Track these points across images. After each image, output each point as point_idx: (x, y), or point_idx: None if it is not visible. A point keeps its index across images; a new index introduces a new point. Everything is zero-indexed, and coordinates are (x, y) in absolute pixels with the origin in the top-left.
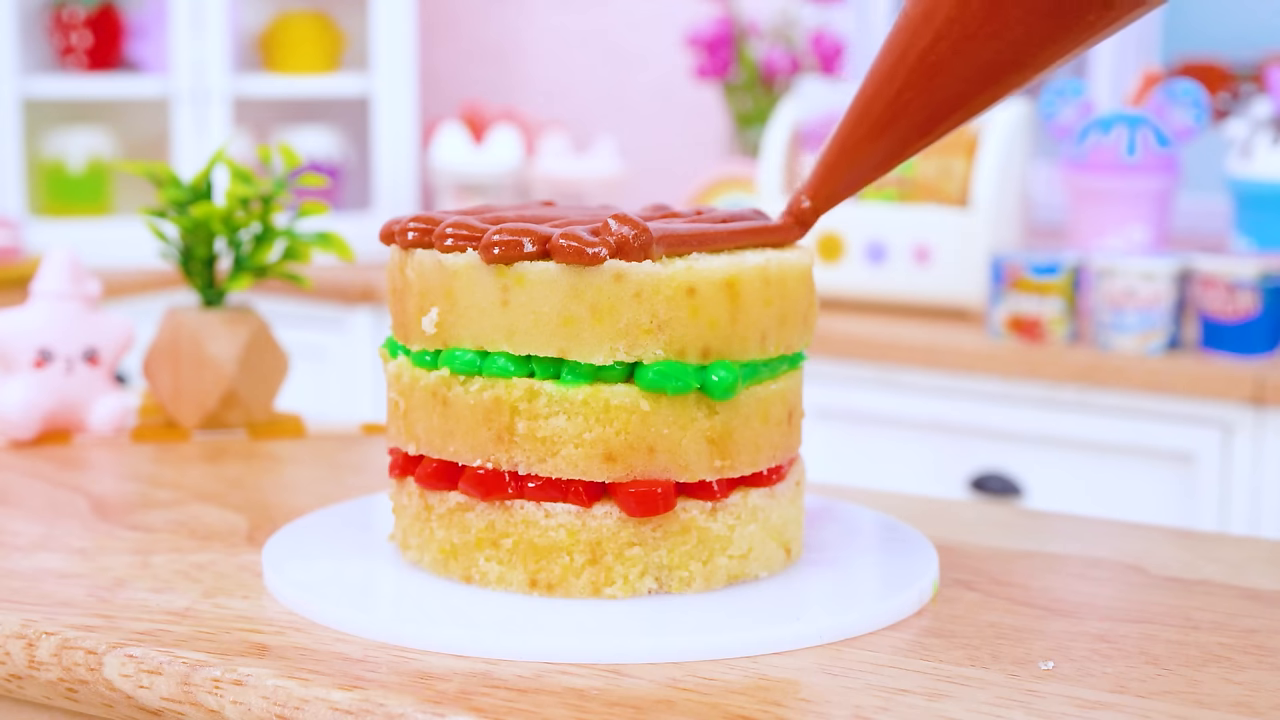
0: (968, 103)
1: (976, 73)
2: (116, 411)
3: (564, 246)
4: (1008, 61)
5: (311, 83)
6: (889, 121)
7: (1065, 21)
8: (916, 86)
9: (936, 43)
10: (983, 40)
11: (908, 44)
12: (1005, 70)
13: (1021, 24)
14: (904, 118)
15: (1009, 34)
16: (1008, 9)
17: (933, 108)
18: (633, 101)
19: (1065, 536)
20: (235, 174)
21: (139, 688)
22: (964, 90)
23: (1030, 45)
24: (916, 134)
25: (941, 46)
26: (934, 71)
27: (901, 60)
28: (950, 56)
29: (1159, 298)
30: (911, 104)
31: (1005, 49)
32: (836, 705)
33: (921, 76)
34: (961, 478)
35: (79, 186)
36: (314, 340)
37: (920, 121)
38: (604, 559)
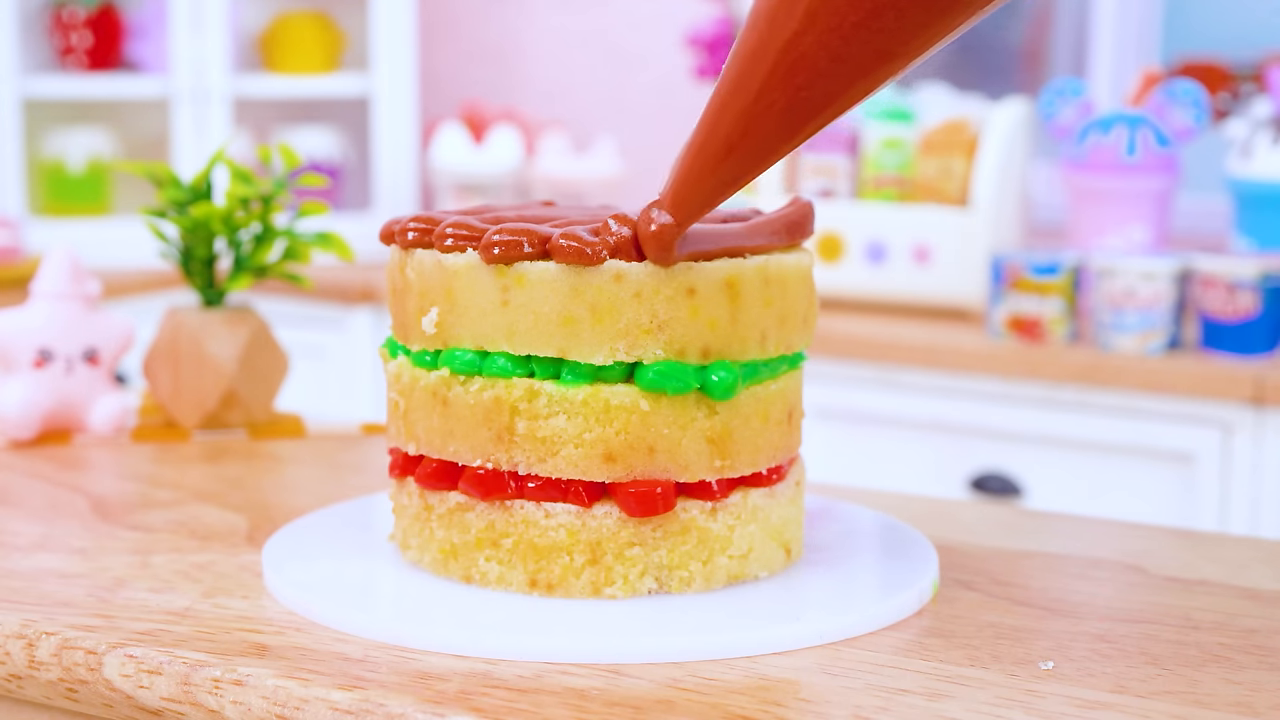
0: (837, 99)
1: (845, 66)
2: (116, 411)
3: (564, 246)
4: (879, 51)
5: (311, 83)
6: (750, 124)
7: (940, 3)
8: (780, 85)
9: (800, 36)
10: (850, 29)
11: (765, 38)
12: (877, 61)
13: (892, 8)
14: (767, 119)
15: (879, 20)
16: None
17: (799, 106)
18: (633, 101)
19: (1065, 536)
20: (235, 174)
21: (139, 688)
22: (832, 86)
23: (903, 31)
24: (782, 137)
25: (805, 40)
26: (798, 67)
27: (760, 57)
28: (816, 50)
29: (1159, 298)
30: (775, 104)
31: (876, 37)
32: (836, 705)
33: (784, 73)
34: (961, 478)
35: (79, 186)
36: (314, 340)
37: (785, 122)
38: (604, 559)
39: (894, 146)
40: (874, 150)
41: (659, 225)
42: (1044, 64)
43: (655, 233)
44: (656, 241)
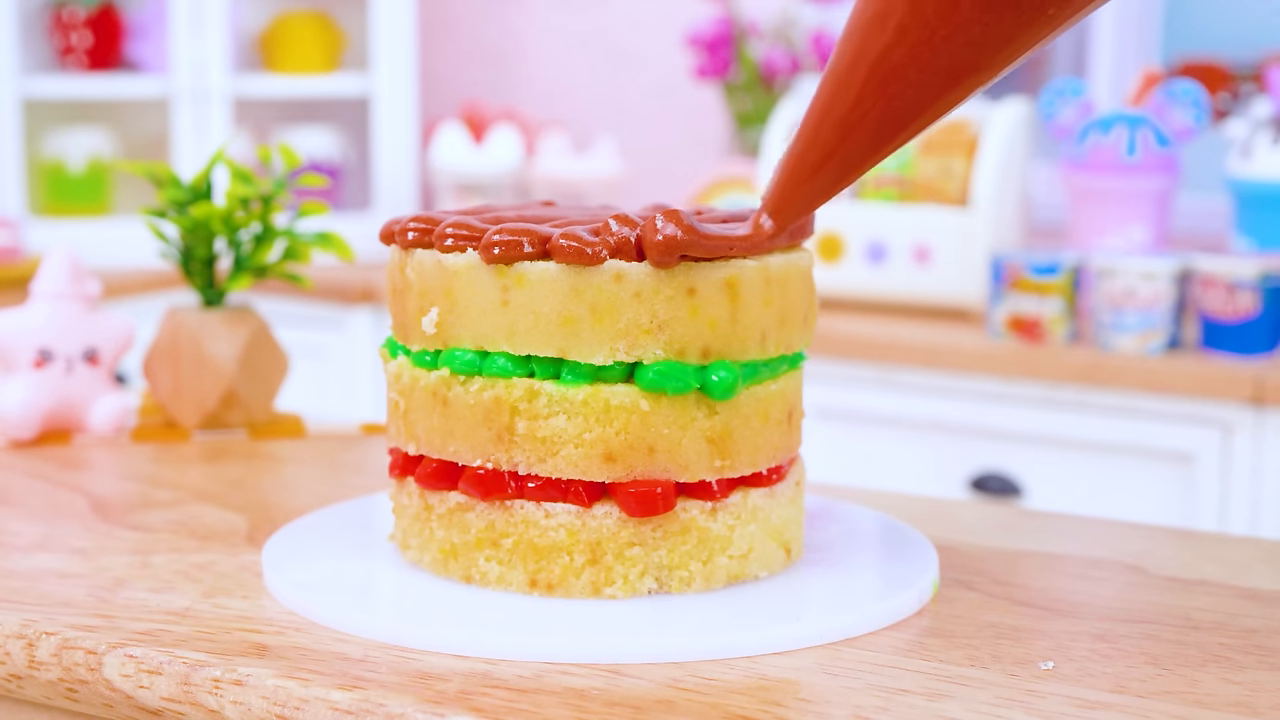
0: (928, 109)
1: (935, 77)
2: (116, 411)
3: (564, 246)
4: (967, 63)
5: (311, 83)
6: (847, 133)
7: (1025, 17)
8: (873, 95)
9: (891, 49)
10: (939, 43)
11: (859, 51)
12: (965, 72)
13: (979, 23)
14: (862, 127)
15: (966, 34)
16: (964, 8)
17: (892, 116)
18: (633, 101)
19: (1065, 536)
20: (235, 174)
21: (139, 688)
22: (923, 96)
23: (989, 44)
24: (876, 144)
25: (897, 53)
26: (890, 78)
27: (855, 68)
28: (907, 62)
29: (1159, 298)
30: (870, 113)
31: (963, 50)
32: (836, 705)
33: (878, 85)
34: (961, 478)
35: (79, 186)
36: (314, 340)
37: (880, 131)
38: (604, 559)
39: None
40: None
41: (665, 236)
42: (1044, 64)
43: (662, 242)
44: (663, 249)
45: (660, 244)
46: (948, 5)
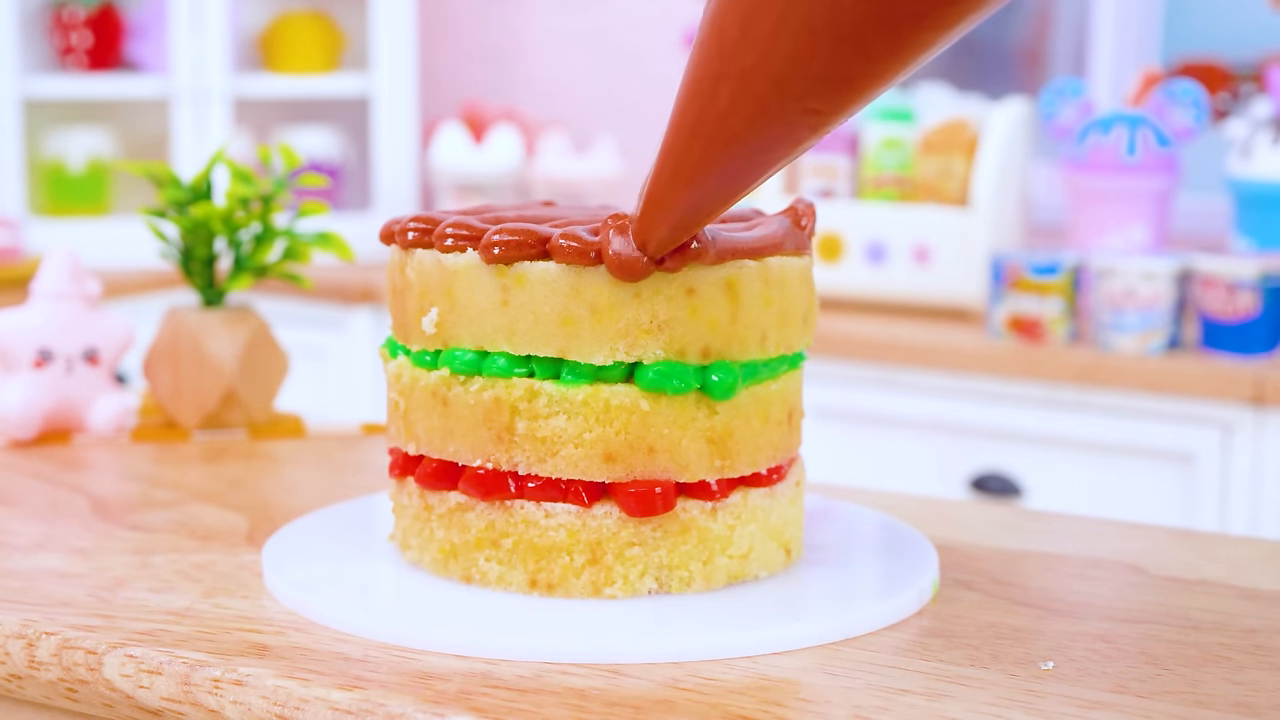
0: (772, 164)
1: (773, 141)
2: (116, 411)
3: (564, 246)
4: (805, 126)
5: (311, 83)
6: (695, 182)
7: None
8: (718, 152)
9: (727, 116)
10: (775, 111)
11: (699, 113)
12: (804, 135)
13: (814, 95)
14: (709, 180)
15: (801, 104)
16: (793, 85)
17: (735, 171)
18: (633, 101)
19: (1065, 536)
20: (235, 174)
21: (139, 688)
22: (766, 158)
23: (826, 113)
24: (726, 194)
25: (733, 120)
26: (730, 141)
27: (696, 129)
28: (744, 129)
29: (1159, 298)
30: (715, 167)
31: (800, 116)
32: (836, 705)
33: (720, 145)
34: (961, 478)
35: (79, 186)
36: (314, 340)
37: (726, 182)
38: (604, 559)
39: (894, 146)
40: (874, 150)
41: (626, 257)
42: (1044, 64)
43: (622, 262)
44: (624, 271)
45: (620, 264)
46: (780, 78)
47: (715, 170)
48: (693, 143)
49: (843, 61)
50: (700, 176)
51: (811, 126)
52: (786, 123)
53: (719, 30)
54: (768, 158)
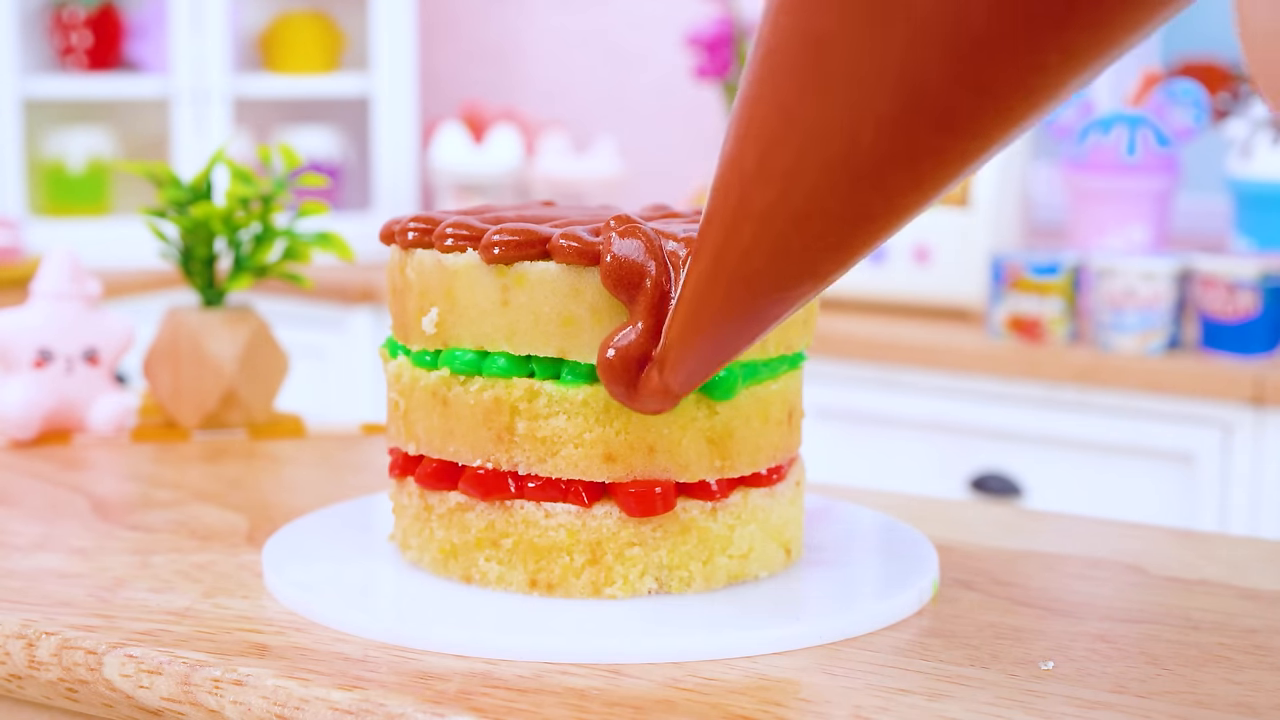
0: (792, 303)
1: (796, 280)
2: (116, 411)
3: (564, 246)
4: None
5: (311, 83)
6: (719, 324)
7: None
8: (739, 292)
9: (750, 253)
10: (797, 251)
11: (719, 250)
12: (827, 271)
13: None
14: (732, 320)
15: (823, 242)
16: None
17: (759, 308)
18: (633, 101)
19: (1065, 536)
20: (235, 174)
21: (139, 688)
22: (788, 296)
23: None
24: (753, 330)
25: (755, 258)
26: (753, 279)
27: (716, 269)
28: (766, 267)
29: (1159, 298)
30: (738, 307)
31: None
32: (836, 705)
33: (742, 282)
34: (961, 478)
35: (79, 186)
36: (314, 340)
37: (752, 321)
38: (604, 559)
39: None
40: None
41: (655, 393)
42: None
43: (659, 391)
44: (656, 401)
45: (653, 394)
46: (800, 216)
47: (739, 307)
48: (715, 280)
49: (862, 199)
50: (725, 314)
51: (836, 261)
52: (809, 260)
53: (738, 169)
54: (792, 294)
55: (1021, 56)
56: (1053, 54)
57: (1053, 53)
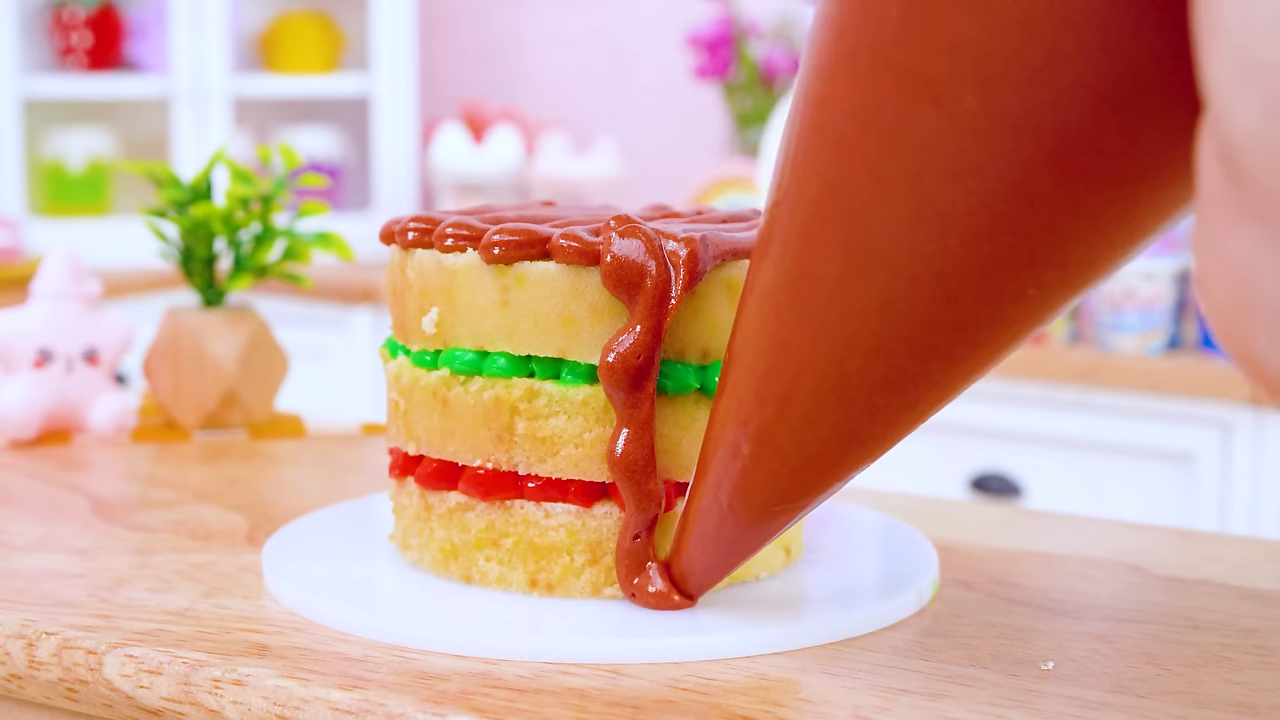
0: (808, 503)
1: (802, 487)
2: (116, 411)
3: (564, 246)
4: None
5: (311, 83)
6: (729, 525)
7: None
8: (740, 498)
9: (751, 471)
10: (801, 459)
11: (723, 468)
12: (841, 473)
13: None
14: (741, 523)
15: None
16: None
17: (765, 514)
18: (633, 101)
19: (1065, 536)
20: (235, 174)
21: (139, 688)
22: (796, 497)
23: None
24: (761, 533)
25: (755, 475)
26: (754, 491)
27: (722, 478)
28: (766, 482)
29: (1159, 298)
30: (741, 512)
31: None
32: (836, 705)
33: (743, 495)
34: (961, 478)
35: (79, 186)
36: (314, 340)
37: (757, 525)
38: (604, 559)
39: None
40: None
41: (658, 595)
42: None
43: (657, 595)
44: (655, 602)
45: (655, 600)
46: (796, 437)
47: (744, 520)
48: (718, 495)
49: (855, 422)
50: (728, 525)
51: (833, 477)
52: (808, 477)
53: (736, 393)
54: (794, 506)
55: (995, 295)
56: (1029, 289)
57: (1029, 287)
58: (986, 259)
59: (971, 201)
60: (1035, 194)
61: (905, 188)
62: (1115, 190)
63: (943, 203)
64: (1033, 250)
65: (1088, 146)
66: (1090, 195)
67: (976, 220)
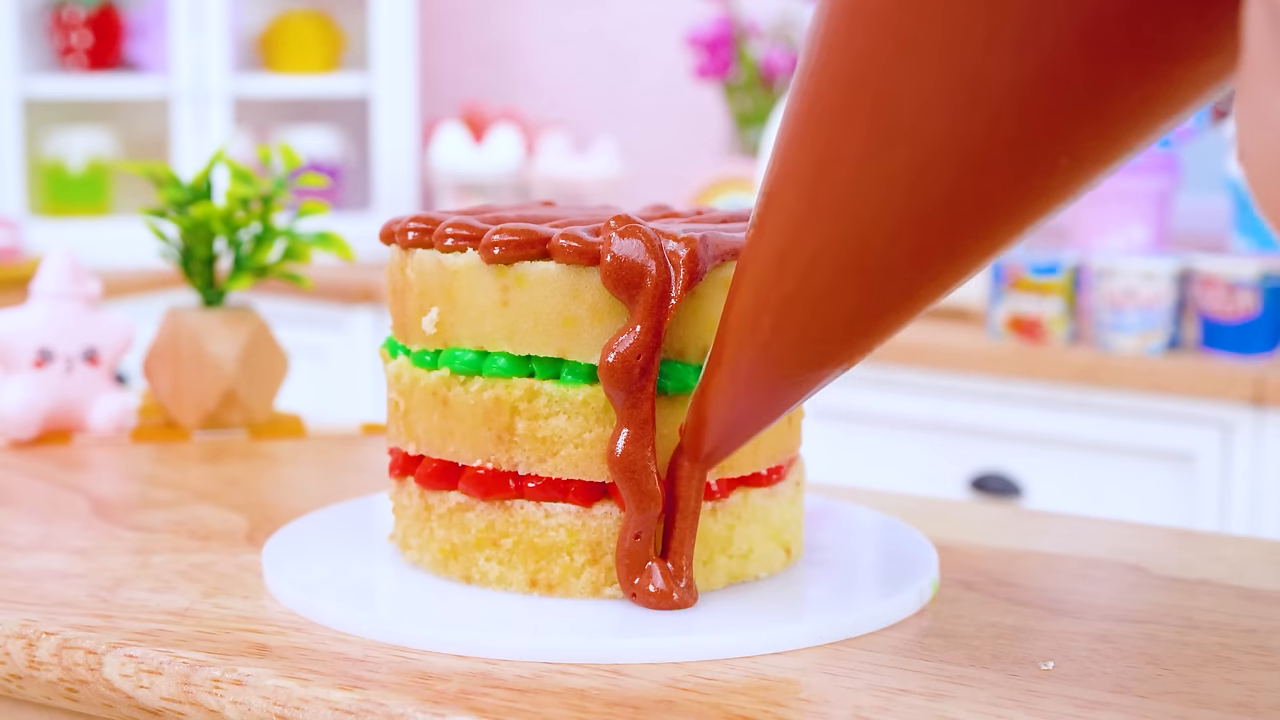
0: (826, 374)
1: (822, 357)
2: (116, 411)
3: (564, 246)
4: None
5: (311, 83)
6: (747, 395)
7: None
8: (761, 370)
9: (771, 343)
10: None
11: (742, 339)
12: (861, 344)
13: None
14: (760, 393)
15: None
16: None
17: (786, 383)
18: (633, 101)
19: (1065, 536)
20: (235, 174)
21: (139, 688)
22: (816, 367)
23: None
24: (779, 405)
25: (775, 347)
26: (775, 363)
27: (741, 350)
28: (785, 354)
29: (1159, 298)
30: (761, 382)
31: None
32: (836, 705)
33: (763, 367)
34: (961, 478)
35: (79, 186)
36: (314, 340)
37: (776, 396)
38: (604, 559)
39: None
40: None
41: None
42: None
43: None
44: (656, 600)
45: (655, 598)
46: (818, 309)
47: (761, 391)
48: (737, 366)
49: (876, 296)
50: (746, 396)
51: (853, 349)
52: (826, 349)
53: (757, 266)
54: (813, 376)
55: (1027, 168)
56: (1062, 159)
57: (1062, 158)
58: (1016, 133)
59: (1003, 76)
60: (1067, 70)
61: (936, 62)
62: (1147, 68)
63: (974, 77)
64: (1063, 125)
65: (1121, 24)
66: (1122, 73)
67: (1007, 96)
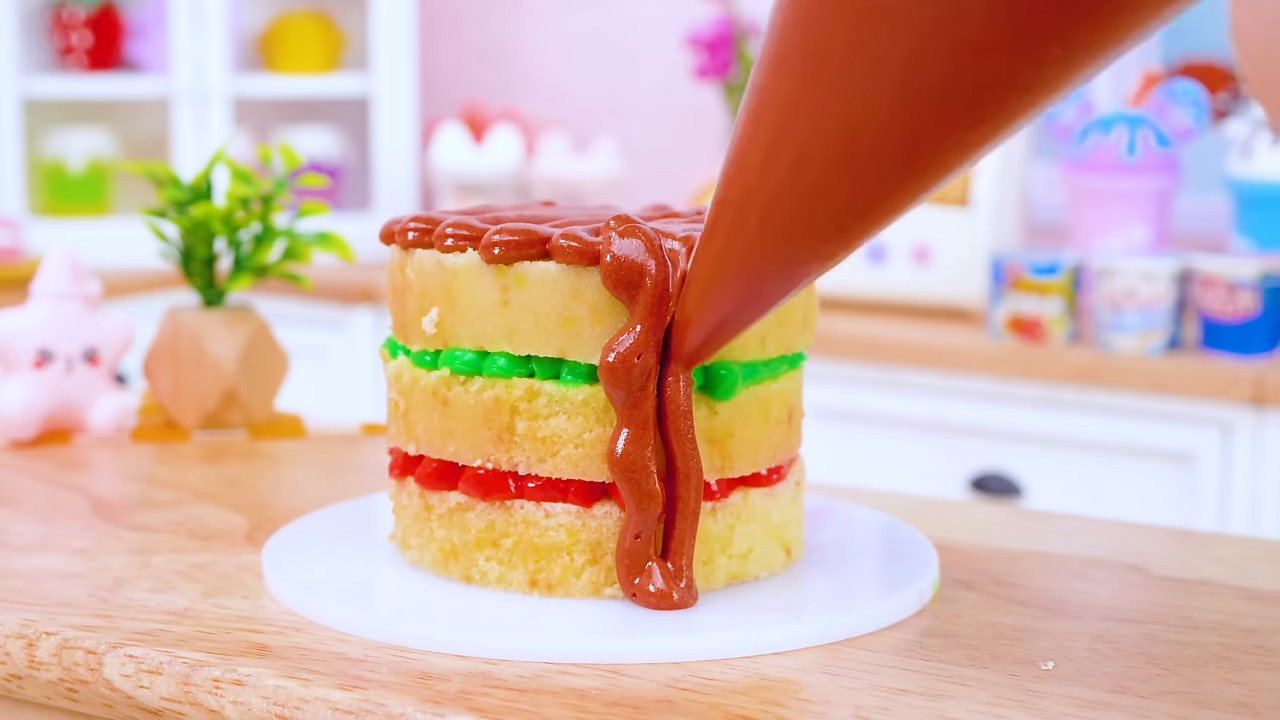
0: (810, 271)
1: (809, 253)
2: (116, 411)
3: (564, 246)
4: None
5: (311, 83)
6: (732, 292)
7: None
8: (748, 267)
9: (757, 239)
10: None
11: (729, 234)
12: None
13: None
14: (746, 290)
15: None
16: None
17: (773, 279)
18: (633, 101)
19: (1065, 536)
20: (235, 174)
21: (139, 688)
22: (800, 264)
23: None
24: (765, 301)
25: (762, 243)
26: (762, 259)
27: (728, 246)
28: (772, 250)
29: (1159, 298)
30: (746, 279)
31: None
32: (836, 705)
33: (749, 264)
34: (961, 478)
35: (79, 186)
36: (314, 340)
37: (762, 292)
38: (604, 559)
39: None
40: None
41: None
42: None
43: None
44: (656, 601)
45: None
46: (806, 203)
47: (746, 288)
48: (723, 262)
49: (865, 188)
50: (731, 294)
51: (840, 243)
52: (814, 244)
53: (746, 159)
54: (798, 273)
55: (1019, 57)
56: (1054, 49)
57: (1054, 48)
58: (1008, 22)
59: None
60: None
61: None
62: None
63: None
64: (1056, 15)
65: None
66: None
67: None
